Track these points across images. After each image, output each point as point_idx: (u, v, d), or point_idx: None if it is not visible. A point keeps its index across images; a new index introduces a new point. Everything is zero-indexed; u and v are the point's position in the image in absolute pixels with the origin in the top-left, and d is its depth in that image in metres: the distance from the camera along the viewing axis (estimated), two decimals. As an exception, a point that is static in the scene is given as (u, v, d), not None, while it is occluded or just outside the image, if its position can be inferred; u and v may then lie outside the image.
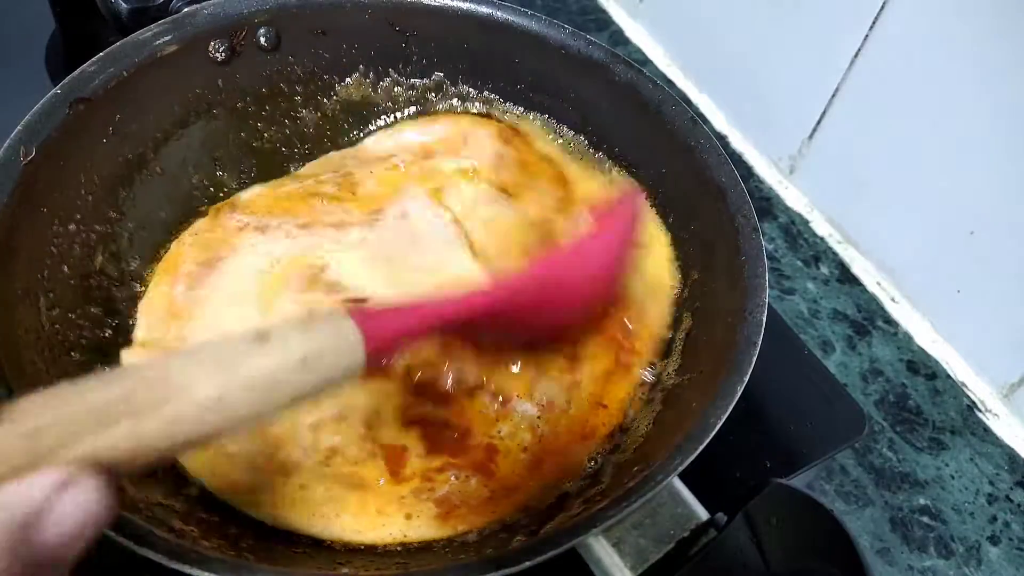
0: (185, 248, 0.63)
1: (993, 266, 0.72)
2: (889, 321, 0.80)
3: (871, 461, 0.71)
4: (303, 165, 0.70)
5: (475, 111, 0.73)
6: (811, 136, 0.85)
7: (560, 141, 0.71)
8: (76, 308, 0.56)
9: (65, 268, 0.56)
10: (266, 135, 0.70)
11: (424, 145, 0.71)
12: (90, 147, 0.59)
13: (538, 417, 0.57)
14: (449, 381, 0.56)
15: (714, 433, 0.46)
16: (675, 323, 0.62)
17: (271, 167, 0.70)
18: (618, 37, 1.02)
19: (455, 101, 0.73)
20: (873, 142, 0.79)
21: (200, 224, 0.65)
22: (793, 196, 0.89)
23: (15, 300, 0.50)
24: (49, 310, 0.53)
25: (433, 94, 0.73)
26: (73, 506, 0.27)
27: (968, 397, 0.76)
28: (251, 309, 0.59)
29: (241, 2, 0.65)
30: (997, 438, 0.74)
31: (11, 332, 0.49)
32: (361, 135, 0.73)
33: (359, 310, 0.37)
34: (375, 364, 0.36)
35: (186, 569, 0.40)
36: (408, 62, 0.71)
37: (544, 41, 0.67)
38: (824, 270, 0.84)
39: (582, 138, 0.71)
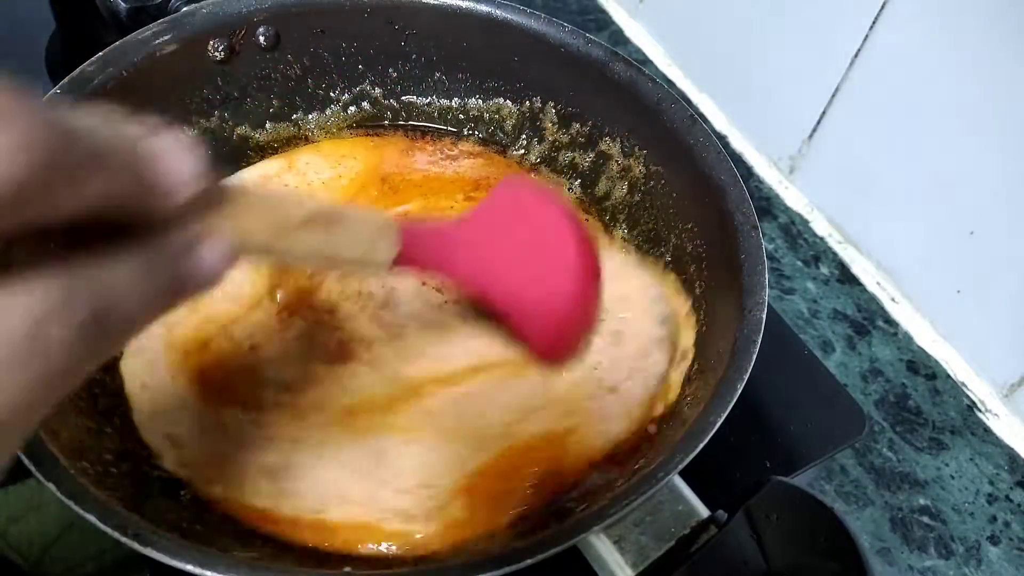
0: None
1: (993, 266, 0.72)
2: (889, 321, 0.80)
3: (871, 461, 0.71)
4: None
5: (474, 110, 0.73)
6: (811, 136, 0.85)
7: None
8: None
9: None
10: (266, 134, 0.70)
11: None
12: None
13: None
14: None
15: (714, 431, 0.46)
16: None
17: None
18: (618, 37, 1.03)
19: (455, 100, 0.73)
20: (873, 142, 0.79)
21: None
22: (793, 196, 0.89)
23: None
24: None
25: (434, 93, 0.73)
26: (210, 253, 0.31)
27: (968, 397, 0.76)
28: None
29: (240, 1, 0.65)
30: (997, 438, 0.74)
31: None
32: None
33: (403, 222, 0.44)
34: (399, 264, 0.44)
35: (188, 568, 0.40)
36: (407, 61, 0.71)
37: (543, 39, 0.67)
38: (824, 270, 0.83)
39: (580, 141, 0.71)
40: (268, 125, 0.70)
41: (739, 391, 0.48)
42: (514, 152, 0.73)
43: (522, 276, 0.51)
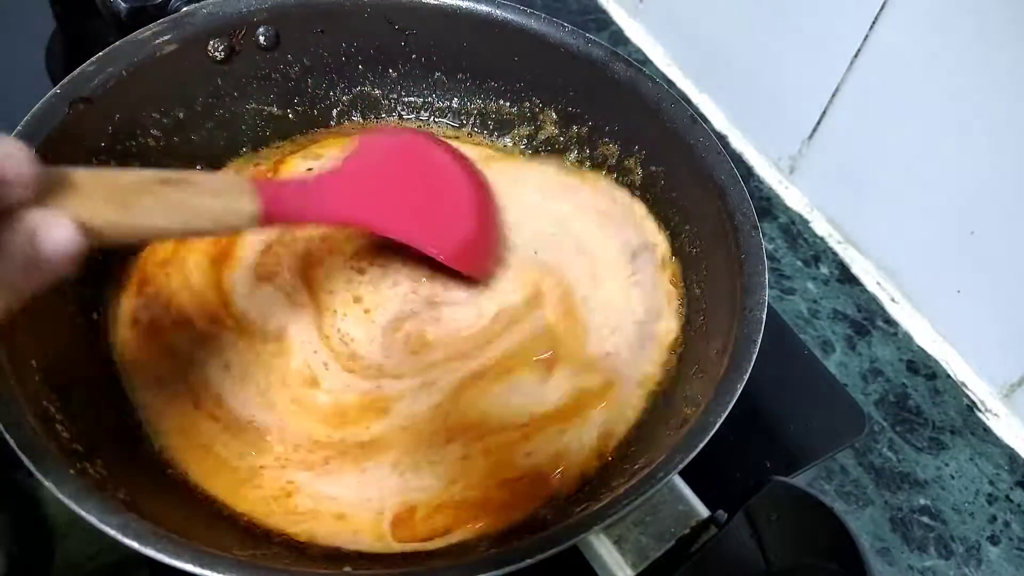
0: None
1: (993, 266, 0.72)
2: (889, 321, 0.80)
3: (871, 461, 0.71)
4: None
5: (474, 111, 0.73)
6: (811, 136, 0.85)
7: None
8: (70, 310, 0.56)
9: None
10: (267, 134, 0.70)
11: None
12: (90, 147, 0.59)
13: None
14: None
15: (714, 431, 0.46)
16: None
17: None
18: (618, 37, 1.03)
19: (454, 101, 0.73)
20: (873, 142, 0.79)
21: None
22: (793, 196, 0.89)
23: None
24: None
25: (434, 94, 0.73)
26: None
27: (968, 397, 0.76)
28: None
29: (240, 1, 0.65)
30: (997, 438, 0.74)
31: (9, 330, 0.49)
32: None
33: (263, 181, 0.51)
34: (267, 223, 0.46)
35: (188, 568, 0.41)
36: (407, 61, 0.71)
37: (543, 39, 0.67)
38: (824, 270, 0.83)
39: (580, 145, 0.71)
40: (267, 126, 0.70)
41: (739, 391, 0.48)
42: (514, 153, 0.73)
43: (414, 203, 0.57)
